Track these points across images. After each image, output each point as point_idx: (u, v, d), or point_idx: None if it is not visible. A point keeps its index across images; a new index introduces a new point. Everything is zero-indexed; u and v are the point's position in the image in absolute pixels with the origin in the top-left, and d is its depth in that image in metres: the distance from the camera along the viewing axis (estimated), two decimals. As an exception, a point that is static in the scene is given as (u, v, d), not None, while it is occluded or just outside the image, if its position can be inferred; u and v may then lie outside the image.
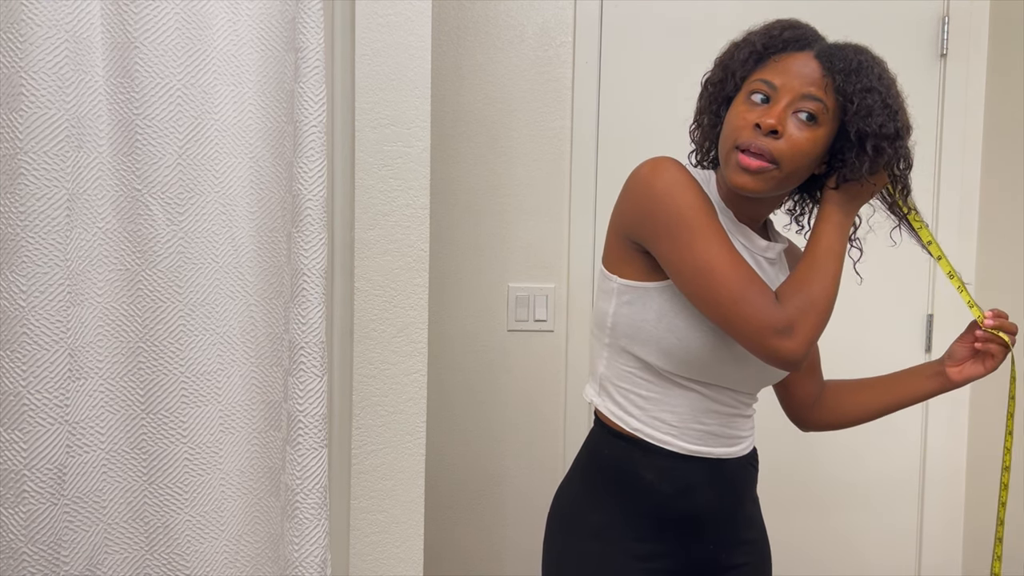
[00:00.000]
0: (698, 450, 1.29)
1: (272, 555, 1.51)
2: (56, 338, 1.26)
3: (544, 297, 2.16)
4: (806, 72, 1.20)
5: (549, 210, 2.15)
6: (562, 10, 2.13)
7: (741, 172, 1.19)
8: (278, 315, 1.49)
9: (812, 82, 1.20)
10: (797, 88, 1.19)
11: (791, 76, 1.20)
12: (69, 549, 1.33)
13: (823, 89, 1.19)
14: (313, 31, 1.40)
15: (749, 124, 1.19)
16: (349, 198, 1.61)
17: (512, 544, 2.20)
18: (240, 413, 1.48)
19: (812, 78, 1.20)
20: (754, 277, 1.18)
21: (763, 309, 1.16)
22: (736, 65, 1.25)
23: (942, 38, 2.18)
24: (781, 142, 1.18)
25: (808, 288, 1.18)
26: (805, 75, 1.20)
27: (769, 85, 1.21)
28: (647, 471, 1.29)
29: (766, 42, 1.24)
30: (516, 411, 2.19)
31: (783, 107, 1.19)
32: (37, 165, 1.23)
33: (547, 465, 2.19)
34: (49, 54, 1.23)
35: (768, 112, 1.18)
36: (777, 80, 1.20)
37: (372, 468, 1.63)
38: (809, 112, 1.19)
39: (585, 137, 2.15)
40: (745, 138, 1.19)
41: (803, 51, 1.22)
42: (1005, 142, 2.14)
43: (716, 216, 1.20)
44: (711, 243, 1.18)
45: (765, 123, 1.17)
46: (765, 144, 1.17)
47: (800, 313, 1.17)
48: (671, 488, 1.29)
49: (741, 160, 1.18)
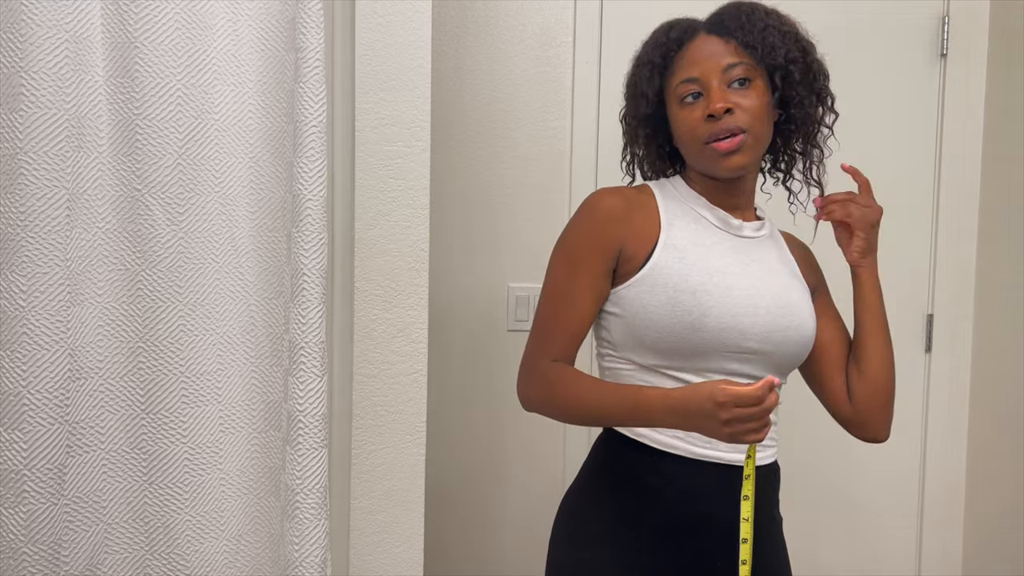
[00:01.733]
0: (706, 454, 1.27)
1: (272, 555, 1.51)
2: (56, 338, 1.26)
3: (544, 297, 2.16)
4: (711, 49, 1.28)
5: (549, 210, 2.15)
6: (562, 10, 2.13)
7: (723, 157, 1.26)
8: (278, 315, 1.49)
9: (723, 53, 1.27)
10: (715, 67, 1.26)
11: (703, 61, 1.27)
12: (69, 549, 1.33)
13: (735, 53, 1.27)
14: (313, 31, 1.40)
15: (699, 120, 1.26)
16: (349, 198, 1.61)
17: (512, 544, 2.20)
18: (240, 413, 1.48)
19: (720, 51, 1.27)
20: (555, 328, 1.30)
21: (526, 354, 1.34)
22: (645, 86, 1.33)
23: (942, 38, 2.18)
24: (737, 113, 1.25)
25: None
26: (712, 51, 1.28)
27: (691, 81, 1.28)
28: (652, 476, 1.28)
29: (662, 51, 1.32)
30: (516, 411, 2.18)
31: (716, 88, 1.25)
32: (37, 165, 1.23)
33: (547, 465, 2.19)
34: (49, 54, 1.23)
35: (710, 99, 1.25)
36: (695, 72, 1.28)
37: (372, 468, 1.63)
38: (739, 78, 1.27)
39: (585, 137, 2.15)
40: (706, 131, 1.26)
41: (696, 37, 1.30)
42: (1005, 142, 2.14)
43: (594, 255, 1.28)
44: (561, 272, 1.30)
45: (716, 108, 1.24)
46: (726, 123, 1.24)
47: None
48: (676, 493, 1.27)
49: (719, 148, 1.25)
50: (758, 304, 1.27)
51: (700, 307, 1.23)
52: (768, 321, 1.27)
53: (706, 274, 1.26)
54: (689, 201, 1.33)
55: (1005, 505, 2.14)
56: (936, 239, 2.23)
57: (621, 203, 1.30)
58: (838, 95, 1.37)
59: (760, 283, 1.29)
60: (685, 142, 1.30)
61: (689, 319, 1.23)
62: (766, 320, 1.27)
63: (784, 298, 1.30)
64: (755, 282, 1.29)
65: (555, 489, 2.19)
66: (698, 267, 1.26)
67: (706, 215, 1.32)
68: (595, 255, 1.29)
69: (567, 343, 1.31)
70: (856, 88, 2.12)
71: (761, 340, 1.27)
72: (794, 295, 1.32)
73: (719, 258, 1.29)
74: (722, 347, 1.26)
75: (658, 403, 1.19)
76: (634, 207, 1.31)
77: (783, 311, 1.29)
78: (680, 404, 1.16)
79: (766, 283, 1.30)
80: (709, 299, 1.24)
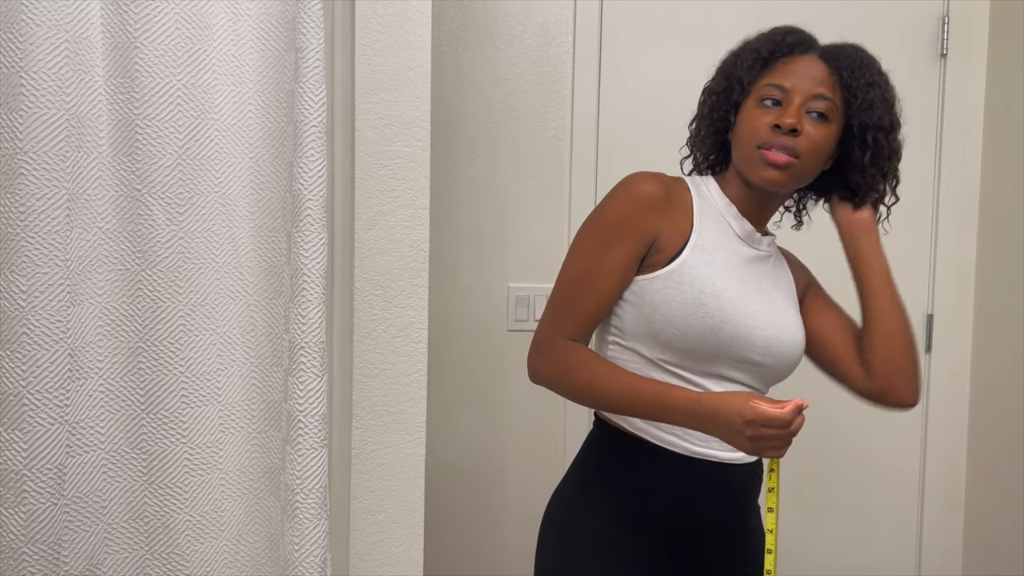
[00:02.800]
0: (703, 452, 1.29)
1: (272, 555, 1.51)
2: (56, 338, 1.26)
3: (544, 297, 2.15)
4: (814, 73, 1.27)
5: (549, 210, 2.15)
6: (562, 10, 2.13)
7: (768, 167, 1.25)
8: (278, 315, 1.49)
9: (821, 82, 1.27)
10: (807, 89, 1.26)
11: (800, 78, 1.27)
12: (69, 549, 1.33)
13: (831, 88, 1.27)
14: (313, 31, 1.40)
15: (766, 125, 1.25)
16: (349, 198, 1.61)
17: (512, 544, 2.20)
18: (240, 413, 1.48)
19: (820, 78, 1.27)
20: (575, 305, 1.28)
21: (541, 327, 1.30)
22: (742, 72, 1.31)
23: (942, 38, 2.18)
24: (801, 139, 1.24)
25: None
26: (813, 76, 1.27)
27: (779, 88, 1.27)
28: (649, 472, 1.29)
29: (771, 48, 1.30)
30: (516, 411, 2.19)
31: (797, 107, 1.25)
32: (37, 165, 1.23)
33: (547, 465, 2.19)
34: (49, 54, 1.23)
35: (785, 112, 1.25)
36: (787, 83, 1.27)
37: (372, 468, 1.63)
38: (820, 111, 1.26)
39: (585, 137, 2.15)
40: (766, 138, 1.25)
41: (807, 53, 1.30)
42: (1005, 142, 2.14)
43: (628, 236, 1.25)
44: (590, 249, 1.27)
45: (785, 123, 1.23)
46: (787, 141, 1.24)
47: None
48: (673, 491, 1.29)
49: (769, 157, 1.24)
50: (767, 319, 1.29)
51: (722, 312, 1.24)
52: (772, 336, 1.29)
53: (729, 280, 1.27)
54: (720, 207, 1.33)
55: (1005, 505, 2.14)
56: (936, 239, 2.23)
57: (661, 191, 1.27)
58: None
59: (769, 298, 1.31)
60: (742, 139, 1.29)
61: (710, 322, 1.24)
62: (771, 335, 1.28)
63: (784, 316, 1.32)
64: (764, 296, 1.31)
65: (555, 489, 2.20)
66: (723, 272, 1.27)
67: (733, 224, 1.32)
68: (628, 237, 1.25)
69: (585, 323, 1.28)
70: (856, 88, 2.12)
71: (763, 353, 1.28)
72: (792, 314, 1.35)
73: (739, 267, 1.30)
74: (730, 354, 1.27)
75: (684, 407, 1.19)
76: (672, 199, 1.28)
77: (785, 329, 1.31)
78: (708, 412, 1.17)
79: (774, 299, 1.32)
80: (730, 306, 1.25)
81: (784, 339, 1.31)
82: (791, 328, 1.33)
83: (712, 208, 1.32)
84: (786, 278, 1.39)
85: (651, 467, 1.29)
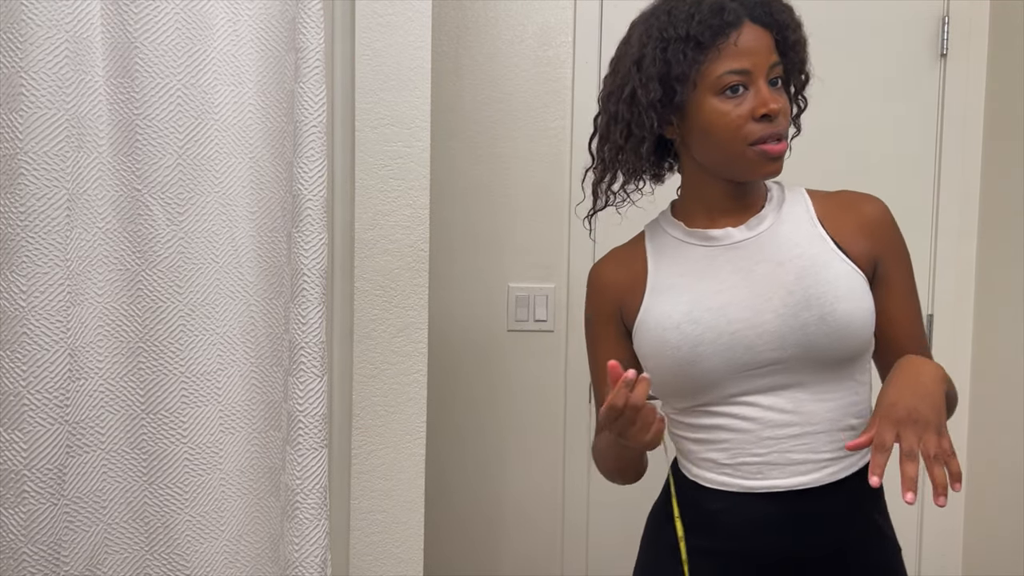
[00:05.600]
0: (758, 485, 1.18)
1: (272, 555, 1.51)
2: (56, 338, 1.26)
3: (544, 297, 2.16)
4: (763, 44, 1.16)
5: (549, 210, 2.15)
6: (562, 10, 2.13)
7: (770, 162, 1.16)
8: (278, 315, 1.49)
9: (769, 49, 1.17)
10: (764, 63, 1.15)
11: (754, 55, 1.15)
12: (69, 549, 1.33)
13: (775, 50, 1.18)
14: (313, 31, 1.40)
15: (745, 117, 1.14)
16: (349, 198, 1.61)
17: (512, 544, 2.20)
18: (240, 413, 1.48)
19: (769, 45, 1.17)
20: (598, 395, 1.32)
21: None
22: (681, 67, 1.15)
23: (942, 38, 2.18)
24: (781, 116, 1.16)
25: None
26: (763, 47, 1.16)
27: (741, 73, 1.14)
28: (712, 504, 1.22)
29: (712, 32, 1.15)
30: (516, 411, 2.19)
31: (764, 86, 1.15)
32: (37, 165, 1.23)
33: (547, 465, 2.19)
34: (49, 54, 1.23)
35: (761, 97, 1.14)
36: (745, 64, 1.14)
37: (372, 468, 1.63)
38: (778, 77, 1.18)
39: (585, 137, 2.13)
40: (758, 132, 1.14)
41: (743, 25, 1.15)
42: (1005, 142, 2.14)
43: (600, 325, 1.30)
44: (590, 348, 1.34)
45: (773, 109, 1.14)
46: (776, 128, 1.15)
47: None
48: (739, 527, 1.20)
49: (770, 151, 1.15)
50: (762, 309, 1.16)
51: (687, 339, 1.16)
52: (779, 324, 1.15)
53: (693, 302, 1.19)
54: (670, 231, 1.27)
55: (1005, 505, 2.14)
56: (936, 239, 2.22)
57: (611, 267, 1.31)
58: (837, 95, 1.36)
59: (767, 285, 1.18)
60: (720, 140, 1.16)
61: (679, 355, 1.16)
62: (776, 324, 1.15)
63: (800, 290, 1.16)
64: (760, 287, 1.18)
65: (555, 489, 2.20)
66: (684, 298, 1.20)
67: (688, 239, 1.24)
68: (602, 325, 1.30)
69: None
70: (856, 88, 2.12)
71: (777, 347, 1.15)
72: (814, 280, 1.16)
73: (712, 279, 1.21)
74: (736, 369, 1.16)
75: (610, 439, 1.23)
76: (623, 265, 1.29)
77: (799, 306, 1.15)
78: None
79: (773, 281, 1.17)
80: (696, 327, 1.17)
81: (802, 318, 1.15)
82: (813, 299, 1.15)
83: (664, 238, 1.27)
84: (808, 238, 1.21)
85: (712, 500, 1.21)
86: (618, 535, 2.19)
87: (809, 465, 1.17)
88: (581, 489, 2.19)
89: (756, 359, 1.16)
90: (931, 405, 1.05)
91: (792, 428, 1.17)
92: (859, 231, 1.21)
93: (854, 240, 1.21)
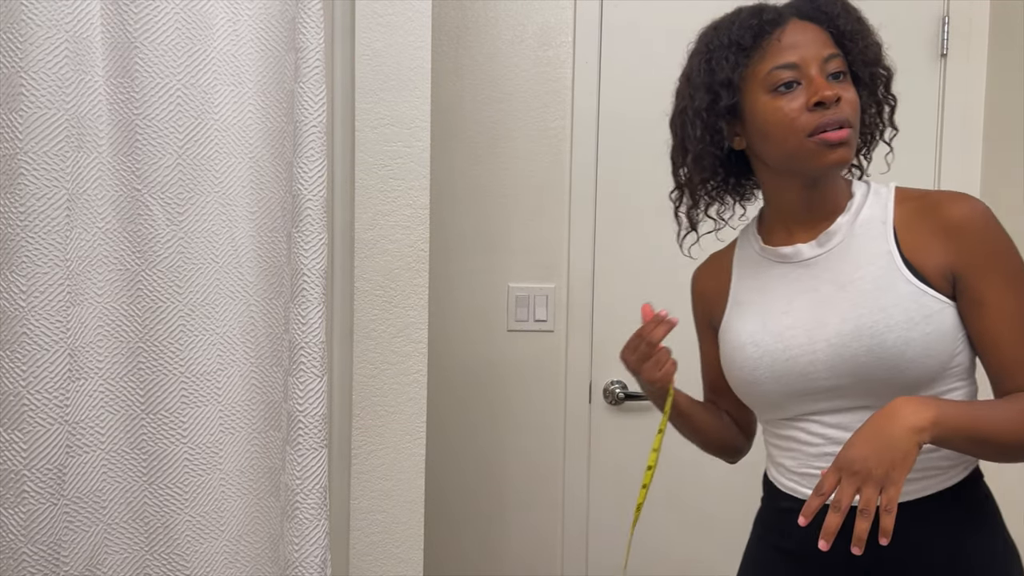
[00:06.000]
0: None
1: (272, 555, 1.51)
2: (56, 338, 1.26)
3: (544, 297, 2.16)
4: (811, 36, 1.14)
5: (549, 210, 2.15)
6: (562, 10, 2.13)
7: (832, 149, 1.10)
8: (278, 315, 1.49)
9: (823, 43, 1.14)
10: (816, 54, 1.13)
11: (803, 47, 1.13)
12: (69, 549, 1.33)
13: (831, 44, 1.15)
14: (313, 31, 1.40)
15: (800, 109, 1.11)
16: (349, 198, 1.61)
17: (512, 544, 2.20)
18: (240, 413, 1.48)
19: (819, 39, 1.14)
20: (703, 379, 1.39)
21: None
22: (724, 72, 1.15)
23: (942, 38, 2.18)
24: (843, 104, 1.11)
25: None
26: (812, 39, 1.14)
27: (789, 67, 1.12)
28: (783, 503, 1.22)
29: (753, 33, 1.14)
30: (516, 411, 2.19)
31: (818, 77, 1.12)
32: (37, 165, 1.23)
33: (547, 465, 2.19)
34: (49, 54, 1.23)
35: (815, 87, 1.11)
36: (793, 57, 1.12)
37: (372, 468, 1.63)
38: (836, 71, 1.14)
39: (585, 137, 2.15)
40: (815, 122, 1.11)
41: (788, 22, 1.15)
42: (1005, 142, 2.14)
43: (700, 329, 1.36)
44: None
45: (827, 96, 1.09)
46: (834, 115, 1.10)
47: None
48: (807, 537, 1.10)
49: (829, 138, 1.10)
50: (816, 339, 1.13)
51: (748, 362, 1.18)
52: (831, 354, 1.12)
53: (760, 323, 1.19)
54: (753, 245, 1.25)
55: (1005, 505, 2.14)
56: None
57: (703, 276, 1.35)
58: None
59: (823, 310, 1.14)
60: (778, 137, 1.13)
61: (742, 375, 1.19)
62: (828, 353, 1.12)
63: (852, 319, 1.12)
64: (820, 311, 1.14)
65: (554, 489, 2.20)
66: (753, 318, 1.20)
67: (766, 256, 1.23)
68: (701, 329, 1.37)
69: (710, 392, 1.40)
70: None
71: (830, 375, 1.12)
72: (868, 309, 1.11)
73: (781, 299, 1.19)
74: (791, 393, 1.15)
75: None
76: (712, 275, 1.33)
77: (849, 336, 1.11)
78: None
79: (831, 307, 1.14)
80: (756, 351, 1.17)
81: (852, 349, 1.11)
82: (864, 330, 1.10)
83: (747, 250, 1.27)
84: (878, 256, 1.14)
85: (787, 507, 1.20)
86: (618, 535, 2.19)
87: None
88: (581, 489, 2.19)
89: (811, 386, 1.14)
90: (882, 458, 0.98)
91: None
92: (935, 240, 1.13)
93: (928, 252, 1.13)
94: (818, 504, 1.01)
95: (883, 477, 0.98)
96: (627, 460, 2.19)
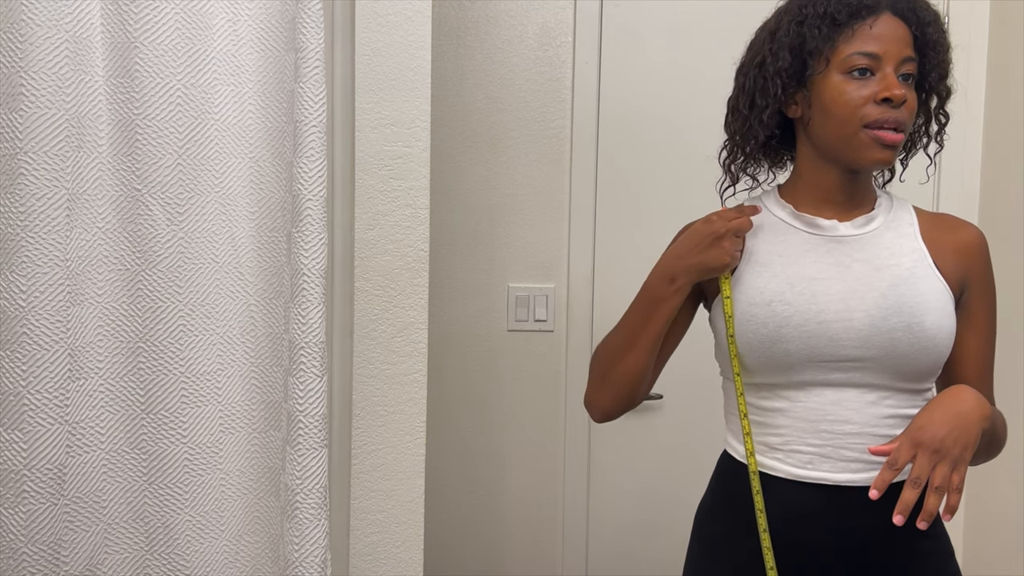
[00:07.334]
0: (808, 475, 1.18)
1: (272, 555, 1.51)
2: (56, 338, 1.26)
3: (544, 297, 2.16)
4: (899, 34, 1.17)
5: (549, 210, 2.15)
6: (562, 10, 2.13)
7: (882, 149, 1.16)
8: (278, 315, 1.49)
9: (907, 43, 1.18)
10: (897, 53, 1.16)
11: (888, 41, 1.16)
12: (69, 549, 1.33)
13: (911, 46, 1.19)
14: (313, 31, 1.40)
15: (867, 99, 1.15)
16: (349, 198, 1.61)
17: (512, 544, 2.21)
18: (240, 413, 1.48)
19: (904, 39, 1.18)
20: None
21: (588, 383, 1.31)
22: (816, 42, 1.17)
23: (942, 38, 2.18)
24: (905, 108, 1.16)
25: None
26: (899, 37, 1.17)
27: (870, 56, 1.16)
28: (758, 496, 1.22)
29: (850, 12, 1.17)
30: (516, 411, 2.19)
31: (892, 74, 1.16)
32: (37, 165, 1.23)
33: (547, 465, 2.19)
34: (49, 54, 1.23)
35: (887, 83, 1.15)
36: (876, 48, 1.16)
37: (372, 468, 1.63)
38: (909, 73, 1.18)
39: (585, 137, 2.15)
40: (876, 115, 1.15)
41: (882, 12, 1.18)
42: (1005, 141, 2.14)
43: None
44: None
45: (897, 94, 1.14)
46: (896, 115, 1.15)
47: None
48: (782, 515, 1.20)
49: (885, 138, 1.15)
50: (853, 307, 1.17)
51: (775, 318, 1.18)
52: (867, 324, 1.16)
53: (787, 284, 1.20)
54: (775, 210, 1.27)
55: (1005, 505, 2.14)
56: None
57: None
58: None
59: (861, 283, 1.18)
60: (838, 118, 1.17)
61: (765, 331, 1.18)
62: (864, 323, 1.16)
63: (893, 296, 1.17)
64: (854, 284, 1.19)
65: (555, 489, 2.20)
66: (779, 278, 1.20)
67: (793, 222, 1.25)
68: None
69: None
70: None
71: (860, 345, 1.16)
72: (908, 290, 1.18)
73: (809, 265, 1.21)
74: (813, 357, 1.17)
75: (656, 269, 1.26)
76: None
77: (890, 310, 1.16)
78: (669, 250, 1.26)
79: (867, 283, 1.18)
80: (787, 308, 1.18)
81: (891, 323, 1.16)
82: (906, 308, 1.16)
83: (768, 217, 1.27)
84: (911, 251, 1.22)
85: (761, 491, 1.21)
86: (618, 535, 2.20)
87: (861, 464, 1.18)
88: (581, 489, 2.19)
89: (837, 353, 1.17)
90: (958, 439, 1.07)
91: (851, 426, 1.18)
92: (954, 253, 1.23)
93: (949, 261, 1.23)
94: (891, 477, 1.07)
95: (957, 457, 1.06)
96: (627, 460, 2.19)
